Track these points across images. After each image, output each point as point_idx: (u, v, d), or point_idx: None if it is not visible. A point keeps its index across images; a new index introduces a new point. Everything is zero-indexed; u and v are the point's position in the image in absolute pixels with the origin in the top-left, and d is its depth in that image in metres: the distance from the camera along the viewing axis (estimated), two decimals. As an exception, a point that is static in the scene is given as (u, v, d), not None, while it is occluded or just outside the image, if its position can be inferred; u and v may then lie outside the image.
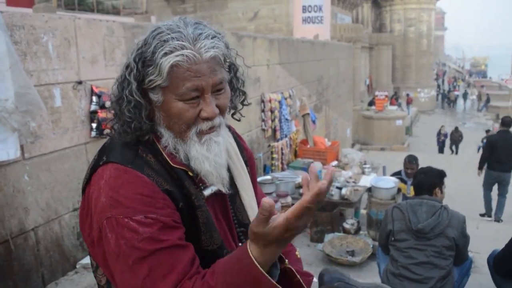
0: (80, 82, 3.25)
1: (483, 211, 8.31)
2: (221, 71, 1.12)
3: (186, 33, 1.08)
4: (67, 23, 3.14)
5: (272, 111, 6.69)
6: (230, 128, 1.36)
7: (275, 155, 6.74)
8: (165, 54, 1.05)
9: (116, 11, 14.75)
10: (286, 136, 7.22)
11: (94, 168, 1.14)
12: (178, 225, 1.09)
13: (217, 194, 1.24)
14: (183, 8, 16.85)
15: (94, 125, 3.38)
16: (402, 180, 5.77)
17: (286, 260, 1.09)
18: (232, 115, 1.33)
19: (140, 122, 1.11)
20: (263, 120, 6.56)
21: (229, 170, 1.30)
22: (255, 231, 0.94)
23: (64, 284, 2.98)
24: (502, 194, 7.65)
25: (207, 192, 1.21)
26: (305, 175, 0.95)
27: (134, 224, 1.03)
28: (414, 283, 2.88)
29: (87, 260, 3.24)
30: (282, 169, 6.71)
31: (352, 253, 4.32)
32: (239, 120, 1.35)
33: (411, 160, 5.89)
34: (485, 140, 8.99)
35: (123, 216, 1.03)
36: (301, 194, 4.82)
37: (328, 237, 4.61)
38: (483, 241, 4.95)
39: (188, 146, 1.14)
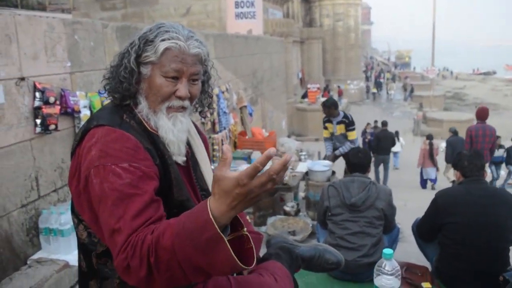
0: (22, 79, 3.26)
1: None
2: (200, 67, 1.42)
3: (182, 32, 1.39)
4: (7, 19, 3.15)
5: (210, 105, 6.85)
6: None
7: (215, 147, 6.92)
8: (163, 39, 1.35)
9: (42, 7, 14.19)
10: (225, 129, 7.42)
11: (85, 130, 1.34)
12: (155, 177, 1.29)
13: (183, 163, 1.50)
14: (112, 3, 16.42)
15: (38, 121, 3.39)
16: (329, 121, 6.66)
17: (245, 228, 1.20)
18: (200, 112, 1.61)
19: (130, 84, 1.38)
20: (202, 114, 6.71)
21: (190, 145, 1.57)
22: (214, 173, 1.09)
23: (19, 278, 3.00)
24: (386, 169, 11.76)
25: (174, 158, 1.43)
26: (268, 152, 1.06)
27: (119, 170, 1.22)
28: (350, 251, 3.21)
29: (39, 254, 3.28)
30: (223, 160, 6.91)
31: (293, 233, 4.62)
32: (204, 118, 1.69)
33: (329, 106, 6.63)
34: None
35: (111, 163, 1.23)
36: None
37: (270, 220, 4.89)
38: (409, 215, 5.44)
39: (158, 117, 1.40)
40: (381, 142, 11.53)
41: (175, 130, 1.40)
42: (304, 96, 22.89)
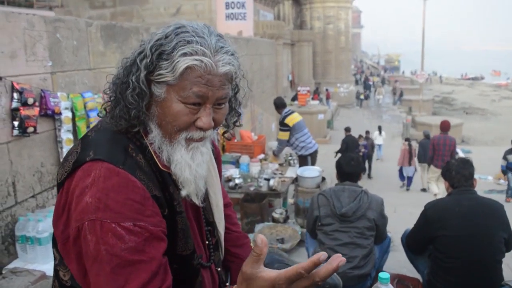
0: (-1, 78, 3.11)
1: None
2: (229, 87, 1.13)
3: (209, 42, 1.07)
4: (-17, 16, 2.99)
5: (199, 107, 6.72)
6: None
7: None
8: (185, 54, 1.04)
9: (29, 4, 13.90)
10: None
11: (78, 162, 1.08)
12: (164, 237, 1.08)
13: (201, 204, 1.26)
14: (102, 1, 16.23)
15: (16, 123, 3.23)
16: None
17: None
18: (224, 133, 1.34)
19: (139, 111, 1.09)
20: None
21: None
22: (243, 270, 0.90)
23: (-9, 288, 2.85)
24: None
25: (183, 193, 1.19)
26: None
27: (121, 230, 0.99)
28: (340, 263, 3.09)
29: (15, 264, 3.11)
30: (211, 164, 6.77)
31: (282, 241, 4.50)
32: (229, 139, 1.38)
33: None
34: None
35: (111, 220, 0.99)
36: (230, 187, 4.87)
37: (258, 226, 4.76)
38: (400, 222, 5.35)
39: (173, 149, 1.13)
40: (349, 146, 13.03)
41: (193, 164, 1.14)
42: (294, 98, 22.84)
